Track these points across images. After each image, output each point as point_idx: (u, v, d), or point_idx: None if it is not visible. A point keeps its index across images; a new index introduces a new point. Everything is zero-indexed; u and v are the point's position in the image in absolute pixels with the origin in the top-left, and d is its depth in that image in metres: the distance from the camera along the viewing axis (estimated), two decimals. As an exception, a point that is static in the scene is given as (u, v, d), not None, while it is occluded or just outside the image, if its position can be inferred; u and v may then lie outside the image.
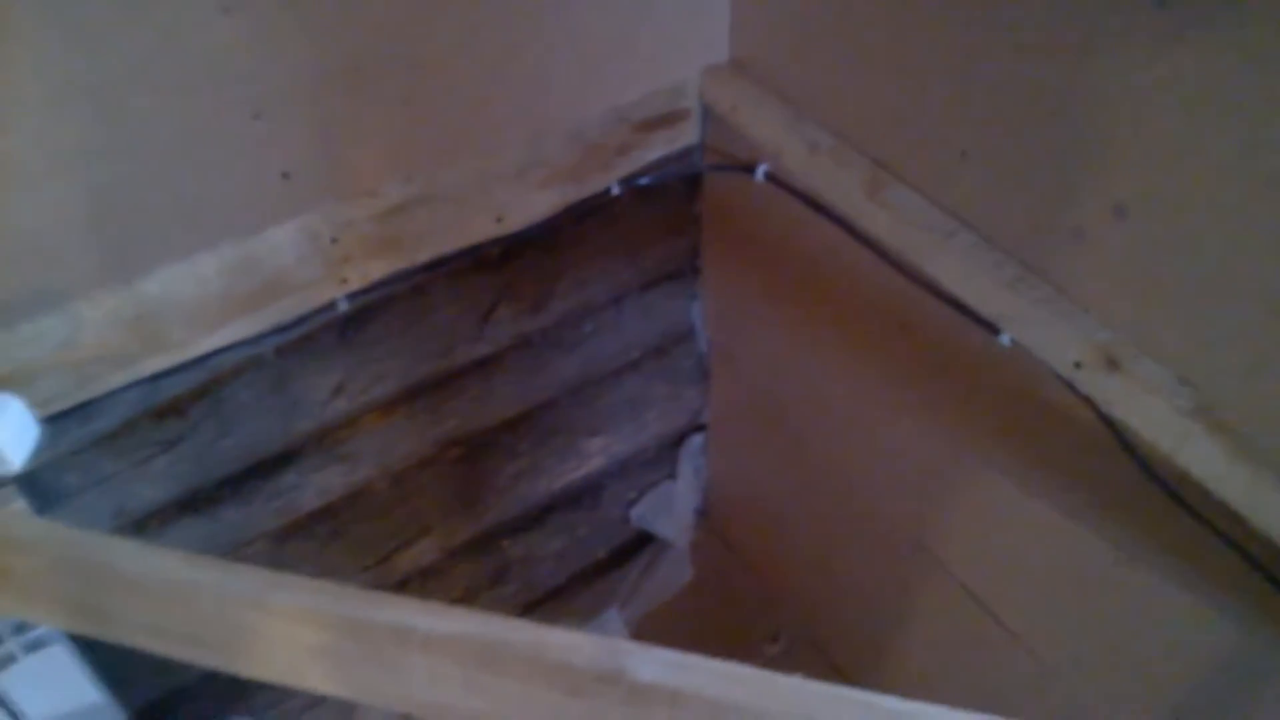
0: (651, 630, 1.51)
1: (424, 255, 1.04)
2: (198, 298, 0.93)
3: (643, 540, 1.57)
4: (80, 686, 0.99)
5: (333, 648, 0.69)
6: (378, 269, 1.02)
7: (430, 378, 1.19)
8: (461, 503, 1.35)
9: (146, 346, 0.93)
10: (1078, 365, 0.85)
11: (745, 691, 0.66)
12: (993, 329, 0.91)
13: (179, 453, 1.04)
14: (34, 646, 0.93)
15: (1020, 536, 1.04)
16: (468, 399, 1.25)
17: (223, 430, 1.06)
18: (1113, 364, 0.83)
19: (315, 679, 0.70)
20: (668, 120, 1.12)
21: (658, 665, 0.66)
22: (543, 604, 1.51)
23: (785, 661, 1.49)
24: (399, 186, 0.98)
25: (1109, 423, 0.84)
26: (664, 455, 1.52)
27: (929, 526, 1.16)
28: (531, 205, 1.08)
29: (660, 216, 1.26)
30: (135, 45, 0.77)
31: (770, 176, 1.10)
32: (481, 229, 1.06)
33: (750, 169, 1.11)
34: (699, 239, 1.31)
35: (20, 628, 0.91)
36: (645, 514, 1.51)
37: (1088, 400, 0.85)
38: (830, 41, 1.00)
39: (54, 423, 0.91)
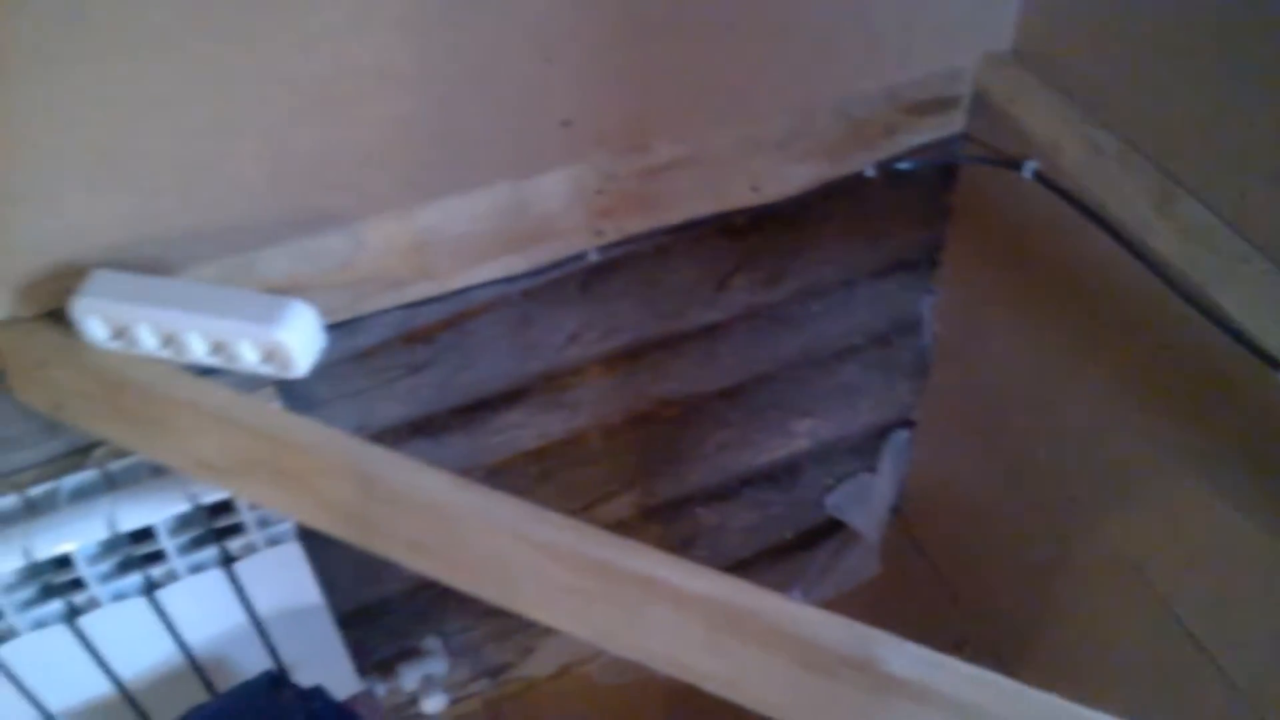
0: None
1: (677, 216, 1.05)
2: (467, 233, 0.96)
3: (831, 528, 1.56)
4: (304, 586, 1.05)
5: (582, 587, 0.71)
6: (633, 225, 1.03)
7: (659, 337, 1.20)
8: (665, 463, 1.36)
9: (414, 274, 0.96)
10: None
11: (992, 697, 0.65)
12: (1275, 364, 0.86)
13: (422, 378, 1.09)
14: (274, 541, 0.99)
15: (1258, 580, 0.98)
16: (690, 363, 1.26)
17: (464, 361, 1.10)
18: None
19: (560, 616, 0.72)
20: (938, 106, 1.09)
21: (909, 659, 0.65)
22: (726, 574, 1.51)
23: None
24: (669, 145, 0.99)
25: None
26: (866, 446, 1.50)
27: (1153, 554, 1.11)
28: (788, 178, 1.08)
29: (907, 204, 1.23)
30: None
31: (1039, 175, 1.06)
32: (737, 196, 1.06)
33: (1017, 165, 1.07)
34: (944, 231, 1.27)
35: (264, 521, 0.97)
36: (841, 502, 1.49)
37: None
38: (1130, 38, 0.95)
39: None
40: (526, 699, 1.50)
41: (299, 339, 0.77)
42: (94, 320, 0.78)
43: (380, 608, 1.31)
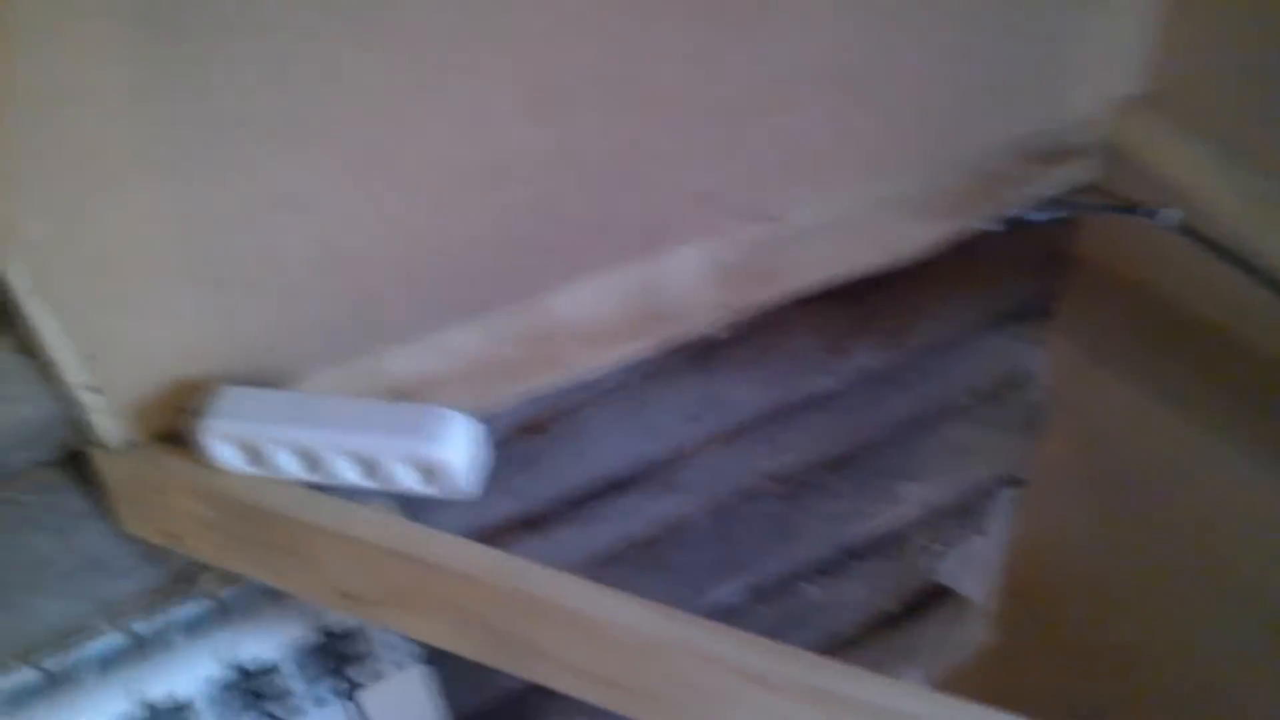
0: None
1: (805, 284, 0.98)
2: (595, 317, 0.89)
3: (938, 597, 1.48)
4: (426, 709, 0.97)
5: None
6: (761, 296, 0.97)
7: (773, 409, 1.13)
8: (776, 541, 1.28)
9: (539, 364, 0.90)
10: None
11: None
12: None
13: (537, 471, 1.02)
14: (400, 665, 0.91)
15: None
16: (802, 434, 1.19)
17: (579, 451, 1.03)
18: None
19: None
20: (1065, 155, 1.04)
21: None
22: (838, 655, 1.43)
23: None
24: (801, 211, 0.93)
25: None
26: (971, 508, 1.42)
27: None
28: (916, 236, 1.01)
29: (1025, 255, 1.17)
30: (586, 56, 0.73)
31: (1184, 226, 0.99)
32: (866, 259, 1.00)
33: (1152, 214, 1.01)
34: (1059, 282, 1.21)
35: (392, 646, 0.89)
36: (953, 569, 1.42)
37: None
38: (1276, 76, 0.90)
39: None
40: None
41: (463, 456, 0.70)
42: (224, 443, 0.71)
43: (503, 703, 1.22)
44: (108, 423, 0.73)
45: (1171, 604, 1.26)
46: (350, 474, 0.71)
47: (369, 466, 0.71)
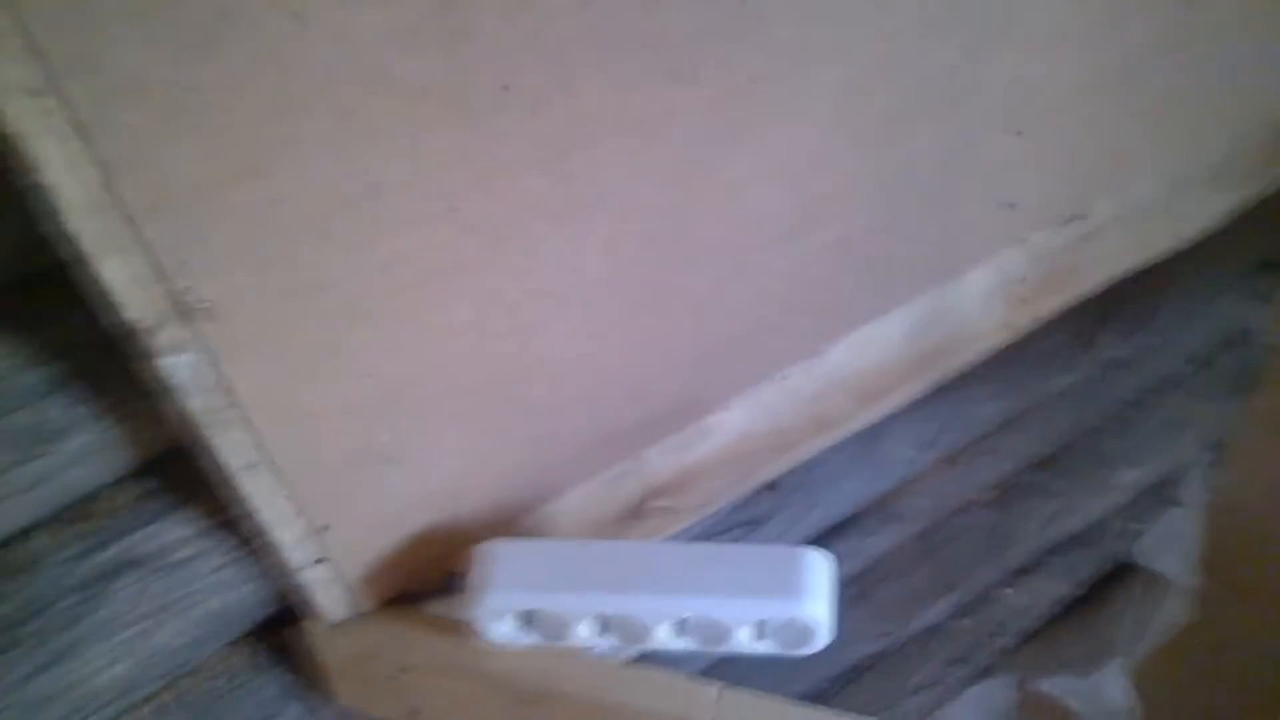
0: (1155, 679, 1.29)
1: (1096, 283, 0.81)
2: (874, 365, 0.71)
3: (1134, 577, 1.34)
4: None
5: None
6: (1049, 306, 0.79)
7: (1012, 416, 0.97)
8: (985, 553, 1.13)
9: (809, 431, 0.72)
10: None
11: None
12: None
13: (769, 528, 0.85)
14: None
15: None
16: (1027, 435, 1.03)
17: (811, 501, 0.86)
18: None
19: None
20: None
21: None
22: (1036, 654, 1.29)
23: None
24: (1104, 204, 0.75)
25: None
26: (1173, 481, 1.27)
27: None
28: (1212, 211, 0.84)
29: (1260, 210, 0.99)
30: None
31: None
32: (1160, 243, 0.82)
33: None
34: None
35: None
36: (1151, 549, 1.27)
37: None
38: None
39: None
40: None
41: (829, 608, 0.53)
42: (502, 615, 0.53)
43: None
44: (332, 596, 0.55)
45: None
46: (676, 642, 0.54)
47: (706, 633, 0.53)
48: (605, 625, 0.54)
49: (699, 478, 0.68)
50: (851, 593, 1.04)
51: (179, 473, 0.50)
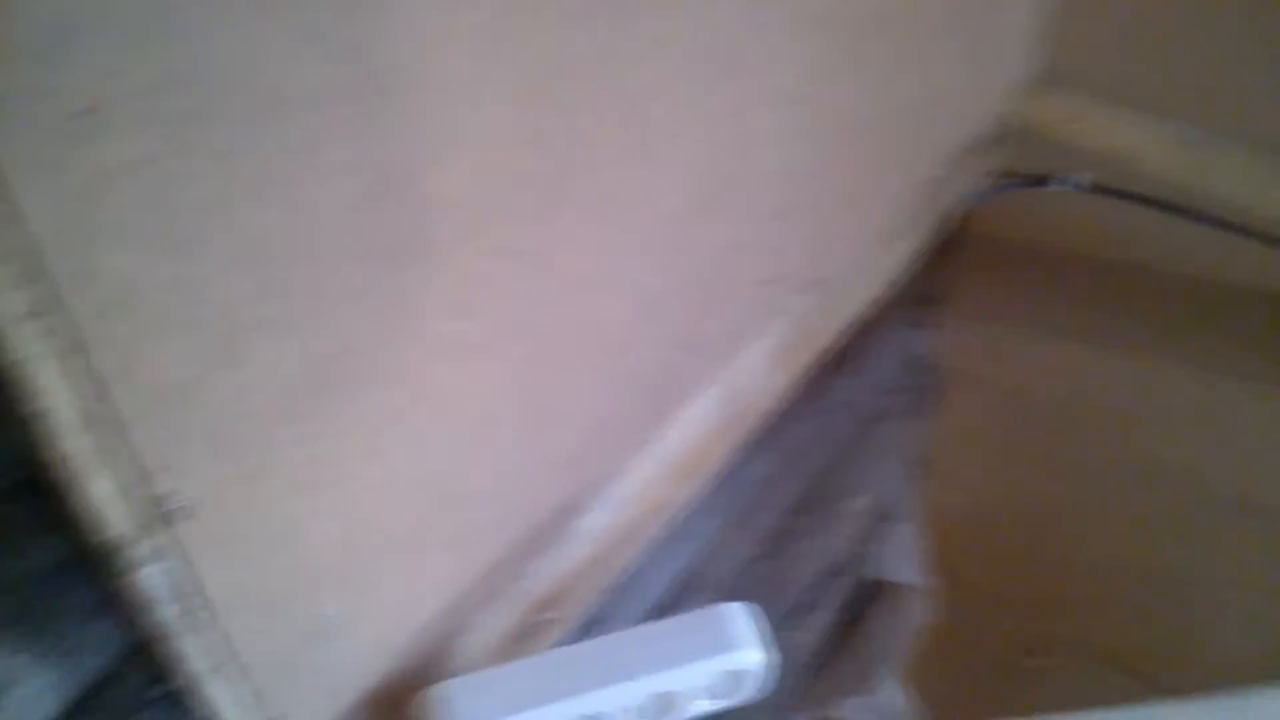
0: (920, 677, 1.44)
1: (830, 336, 0.93)
2: (693, 443, 0.79)
3: (884, 593, 1.50)
4: None
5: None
6: (802, 361, 0.90)
7: (769, 470, 1.08)
8: (773, 602, 1.23)
9: (650, 515, 0.78)
10: None
11: None
12: None
13: (612, 625, 0.89)
14: None
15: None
16: (778, 486, 1.15)
17: (643, 588, 0.91)
18: None
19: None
20: (982, 147, 1.06)
21: None
22: (825, 685, 1.40)
23: (1065, 672, 1.47)
24: (833, 265, 0.88)
25: None
26: (896, 500, 1.45)
27: (1265, 484, 1.16)
28: (895, 259, 1.00)
29: (930, 248, 1.20)
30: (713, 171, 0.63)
31: (1094, 185, 1.06)
32: (867, 294, 0.97)
33: (1063, 181, 1.07)
34: (952, 263, 1.25)
35: None
36: (886, 563, 1.43)
37: None
38: (1167, 26, 0.97)
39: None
40: None
41: (763, 648, 0.59)
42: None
43: None
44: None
45: (1099, 518, 1.36)
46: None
47: (664, 707, 0.57)
48: (573, 732, 0.56)
49: (574, 583, 0.71)
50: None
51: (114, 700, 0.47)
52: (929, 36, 0.86)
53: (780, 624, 1.29)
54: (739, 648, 0.58)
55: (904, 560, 1.46)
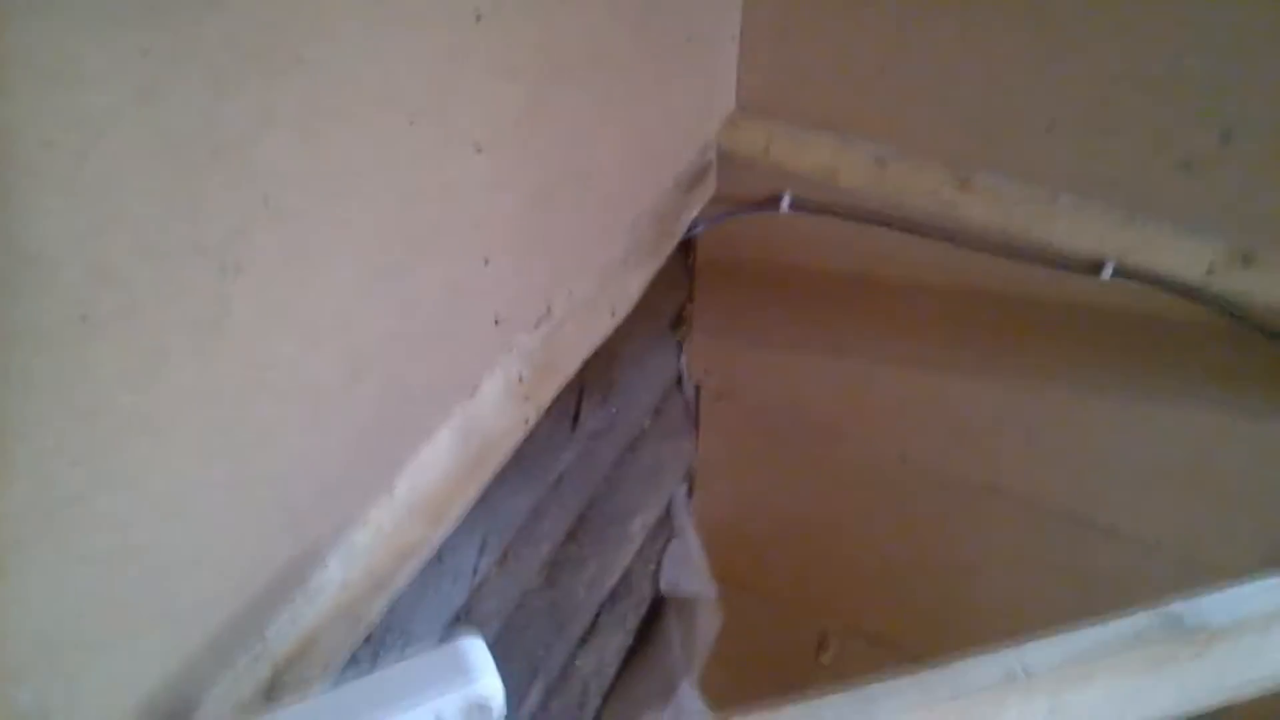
0: (717, 685, 1.50)
1: (570, 368, 0.97)
2: (436, 484, 0.81)
3: (667, 605, 1.55)
4: None
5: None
6: (545, 395, 0.94)
7: (534, 504, 1.11)
8: (553, 633, 1.25)
9: (396, 560, 0.79)
10: (1210, 271, 0.99)
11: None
12: (1096, 268, 1.04)
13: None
14: None
15: (1117, 440, 1.17)
16: (552, 517, 1.18)
17: (404, 637, 0.93)
18: (1248, 259, 0.98)
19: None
20: (700, 176, 1.13)
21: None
22: (619, 707, 1.44)
23: (842, 664, 1.55)
24: (561, 301, 0.92)
25: (1237, 315, 1.00)
26: (667, 517, 1.51)
27: (1005, 467, 1.27)
28: (629, 290, 1.05)
29: (665, 276, 1.26)
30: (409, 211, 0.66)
31: (793, 202, 1.15)
32: (604, 326, 1.01)
33: (766, 204, 1.16)
34: (691, 287, 1.32)
35: None
36: (671, 578, 1.49)
37: (1216, 300, 1.00)
38: (844, 51, 1.07)
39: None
40: None
41: (493, 675, 0.61)
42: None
43: None
44: None
45: (862, 515, 1.46)
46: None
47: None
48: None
49: (317, 639, 0.72)
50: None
51: None
52: (630, 79, 0.92)
53: (572, 651, 1.32)
54: (475, 679, 0.60)
55: (688, 573, 1.51)
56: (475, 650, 0.61)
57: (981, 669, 0.69)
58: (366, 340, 0.66)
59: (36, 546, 0.46)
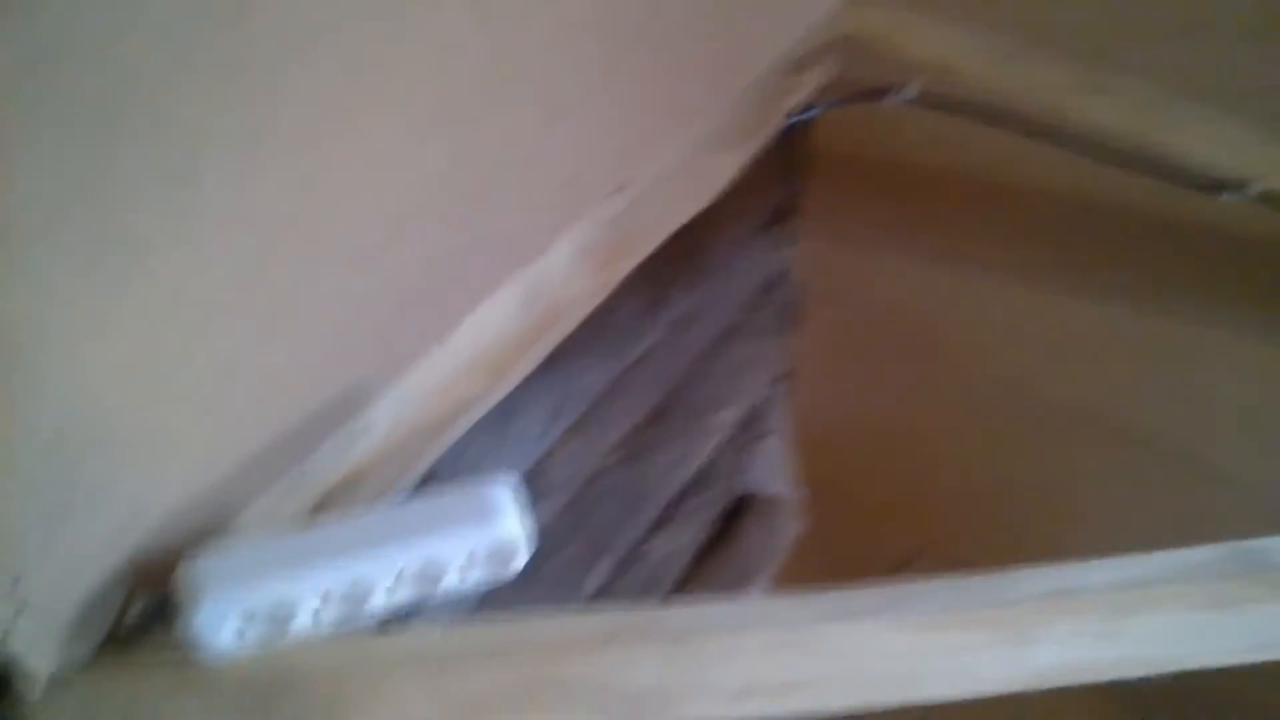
0: (790, 591, 1.49)
1: (650, 245, 0.95)
2: (497, 340, 0.81)
3: (750, 506, 1.54)
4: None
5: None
6: (622, 268, 0.92)
7: (613, 381, 1.10)
8: (626, 513, 1.26)
9: (452, 411, 0.80)
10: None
11: None
12: (1229, 188, 0.95)
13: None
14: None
15: (1233, 376, 1.10)
16: (633, 397, 1.17)
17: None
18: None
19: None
20: (816, 57, 1.08)
21: None
22: (683, 596, 1.45)
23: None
24: (641, 172, 0.89)
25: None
26: (761, 414, 1.49)
27: (1111, 395, 1.21)
28: (721, 171, 1.02)
29: (776, 163, 1.22)
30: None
31: (921, 95, 1.09)
32: (689, 207, 0.99)
33: (891, 93, 1.09)
34: (805, 179, 1.28)
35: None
36: (755, 478, 1.48)
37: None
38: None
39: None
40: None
41: (521, 520, 0.61)
42: (223, 623, 0.56)
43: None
44: (39, 652, 0.55)
45: (958, 433, 1.41)
46: (394, 598, 0.59)
47: (422, 578, 0.59)
48: (326, 600, 0.58)
49: (364, 476, 0.73)
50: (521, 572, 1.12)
51: None
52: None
53: (643, 535, 1.33)
54: (499, 521, 0.60)
55: (772, 473, 1.50)
56: (506, 492, 0.62)
57: (1032, 581, 0.66)
58: (425, 181, 0.65)
59: (82, 333, 0.47)
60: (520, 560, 0.62)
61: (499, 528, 0.60)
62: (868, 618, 0.62)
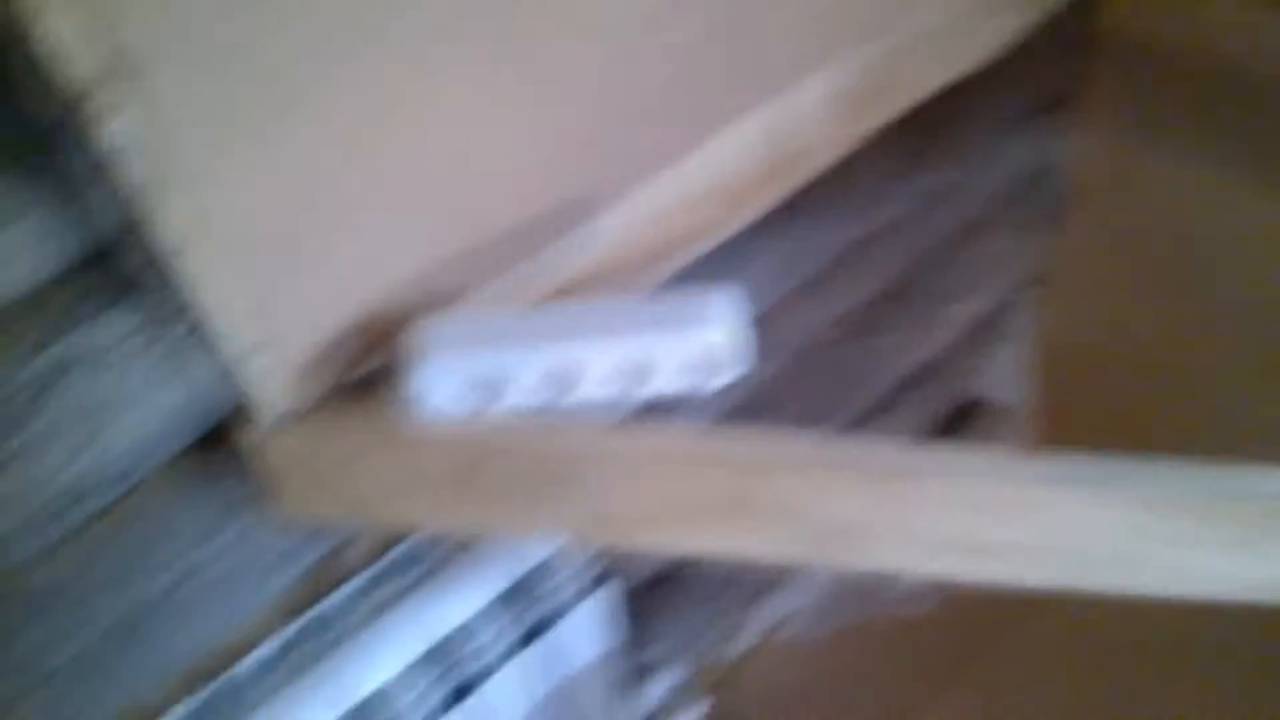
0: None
1: (909, 99, 0.91)
2: (733, 170, 0.79)
3: (977, 409, 1.48)
4: (607, 629, 0.89)
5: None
6: (870, 122, 0.89)
7: (849, 247, 1.07)
8: (843, 389, 1.24)
9: (684, 235, 0.79)
10: None
11: None
12: None
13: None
14: (584, 594, 0.82)
15: None
16: (868, 270, 1.13)
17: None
18: None
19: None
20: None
21: None
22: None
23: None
24: (898, 23, 0.84)
25: None
26: (1003, 316, 1.41)
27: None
28: (987, 36, 0.95)
29: (1051, 42, 1.12)
30: None
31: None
32: (954, 67, 0.93)
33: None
34: (1083, 65, 1.17)
35: (578, 575, 0.80)
36: (990, 383, 1.41)
37: None
38: None
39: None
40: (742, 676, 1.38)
41: (736, 331, 0.61)
42: (445, 386, 0.59)
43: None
44: (273, 388, 0.59)
45: (1223, 368, 1.29)
46: (605, 389, 0.60)
47: (630, 374, 0.60)
48: (539, 379, 0.60)
49: (590, 283, 0.74)
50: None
51: (117, 268, 0.54)
52: None
53: (859, 417, 1.30)
54: (713, 327, 0.60)
55: (1006, 380, 1.43)
56: (727, 300, 0.61)
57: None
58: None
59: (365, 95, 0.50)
60: (729, 372, 0.62)
61: (714, 332, 0.60)
62: (1088, 486, 0.58)
